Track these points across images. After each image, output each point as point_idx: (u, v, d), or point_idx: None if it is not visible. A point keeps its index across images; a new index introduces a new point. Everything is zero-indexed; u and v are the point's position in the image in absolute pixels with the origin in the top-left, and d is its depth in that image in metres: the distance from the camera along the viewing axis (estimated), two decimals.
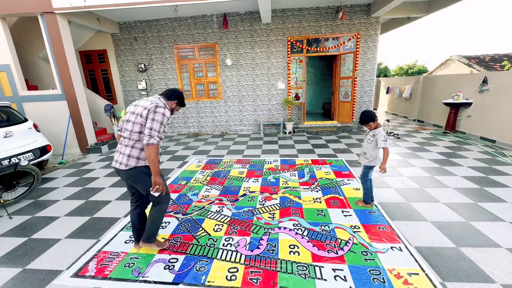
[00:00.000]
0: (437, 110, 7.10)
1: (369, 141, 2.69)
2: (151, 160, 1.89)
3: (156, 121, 1.89)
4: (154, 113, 1.90)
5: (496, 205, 2.84)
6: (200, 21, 6.69)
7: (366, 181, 2.81)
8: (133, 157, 1.97)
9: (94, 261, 2.14)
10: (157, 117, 1.89)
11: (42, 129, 5.00)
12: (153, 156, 1.88)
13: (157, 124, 1.89)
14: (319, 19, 6.46)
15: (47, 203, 3.32)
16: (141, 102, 2.00)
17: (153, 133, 1.87)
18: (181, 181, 3.85)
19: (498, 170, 3.80)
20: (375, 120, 2.62)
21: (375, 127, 2.65)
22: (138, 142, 1.97)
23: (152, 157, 1.88)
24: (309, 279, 1.88)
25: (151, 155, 1.88)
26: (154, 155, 1.88)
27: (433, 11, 6.34)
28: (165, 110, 1.95)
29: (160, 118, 1.90)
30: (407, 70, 17.26)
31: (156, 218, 2.18)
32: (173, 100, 2.12)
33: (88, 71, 7.54)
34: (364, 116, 2.62)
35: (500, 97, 5.11)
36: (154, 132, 1.87)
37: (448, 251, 2.13)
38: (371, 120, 2.61)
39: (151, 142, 1.85)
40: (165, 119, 1.94)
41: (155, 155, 1.89)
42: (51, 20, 5.00)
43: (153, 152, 1.88)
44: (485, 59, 12.49)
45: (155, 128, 1.88)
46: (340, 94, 7.21)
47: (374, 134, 2.63)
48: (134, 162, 1.97)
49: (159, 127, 1.90)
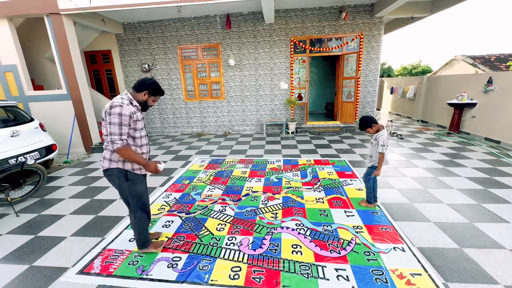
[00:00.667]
0: (441, 111, 7.05)
1: (372, 144, 2.71)
2: (130, 159, 1.87)
3: (113, 124, 1.77)
4: (109, 115, 1.78)
5: (500, 206, 2.82)
6: (203, 21, 6.73)
7: (369, 180, 2.81)
8: (106, 158, 1.93)
9: (99, 259, 2.18)
10: (113, 119, 1.77)
11: (47, 128, 5.07)
12: (127, 156, 1.84)
13: (115, 127, 1.77)
14: (322, 19, 6.45)
15: (53, 201, 3.38)
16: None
17: (113, 138, 1.78)
18: (184, 181, 3.87)
19: (502, 171, 3.77)
20: (373, 125, 2.62)
21: (377, 131, 2.65)
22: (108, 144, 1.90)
23: (126, 157, 1.84)
24: (311, 278, 1.89)
25: (124, 156, 1.84)
26: (127, 156, 1.84)
27: (437, 11, 6.30)
28: (121, 108, 1.78)
29: (116, 119, 1.77)
30: (411, 70, 17.16)
31: (136, 226, 2.12)
32: (142, 91, 1.93)
33: (92, 71, 7.63)
34: (361, 122, 2.66)
35: (506, 97, 5.06)
36: (114, 137, 1.78)
37: (451, 252, 2.13)
38: (367, 126, 2.63)
39: (115, 147, 1.79)
40: (123, 119, 1.79)
41: (129, 155, 1.84)
42: (57, 21, 5.07)
43: (125, 154, 1.83)
44: (490, 59, 12.36)
45: (114, 132, 1.77)
46: (343, 94, 7.19)
47: (376, 138, 2.64)
48: (107, 163, 1.93)
49: (118, 129, 1.78)
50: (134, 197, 2.04)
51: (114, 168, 1.93)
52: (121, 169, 1.94)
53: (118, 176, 1.95)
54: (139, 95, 1.95)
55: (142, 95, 1.95)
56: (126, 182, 1.97)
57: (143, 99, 1.97)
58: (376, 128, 2.65)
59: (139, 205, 2.07)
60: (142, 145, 2.01)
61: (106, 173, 1.98)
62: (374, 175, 2.77)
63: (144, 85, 1.94)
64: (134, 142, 1.95)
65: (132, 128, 1.90)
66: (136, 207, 2.06)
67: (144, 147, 2.04)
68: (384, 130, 2.64)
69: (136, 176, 2.02)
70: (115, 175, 1.95)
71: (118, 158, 1.92)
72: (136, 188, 2.03)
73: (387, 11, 5.83)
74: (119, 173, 1.94)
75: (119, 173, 1.94)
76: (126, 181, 1.97)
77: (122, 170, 1.95)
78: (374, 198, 2.87)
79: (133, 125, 1.89)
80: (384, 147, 2.57)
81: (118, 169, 1.94)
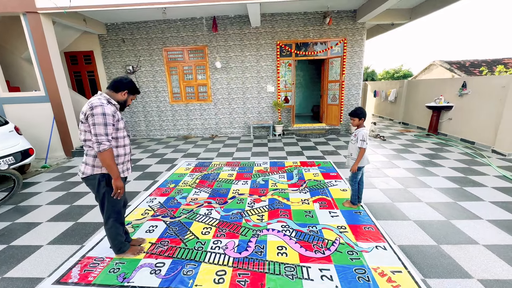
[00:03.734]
0: (420, 113, 7.36)
1: (352, 141, 2.77)
2: (107, 165, 1.81)
3: (97, 125, 1.73)
4: (92, 116, 1.73)
5: (474, 203, 2.97)
6: (189, 23, 6.68)
7: (355, 183, 2.85)
8: (88, 164, 1.88)
9: (78, 267, 2.08)
10: (97, 120, 1.73)
11: (24, 132, 4.84)
12: (108, 161, 1.79)
13: (100, 127, 1.74)
14: (307, 24, 6.58)
15: (28, 208, 3.21)
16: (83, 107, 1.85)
17: (99, 139, 1.74)
18: (170, 184, 3.80)
19: (476, 171, 3.98)
20: (361, 118, 2.69)
21: (357, 125, 2.73)
22: (90, 148, 1.86)
23: (106, 162, 1.79)
24: (296, 279, 1.90)
25: (105, 161, 1.79)
26: (108, 161, 1.79)
27: (416, 18, 6.59)
28: (103, 108, 1.75)
29: (101, 119, 1.74)
30: (393, 74, 17.81)
31: (109, 231, 2.07)
32: (122, 91, 1.93)
33: (73, 73, 7.36)
34: (356, 110, 2.71)
35: (478, 100, 5.36)
36: (101, 137, 1.74)
37: (429, 249, 2.21)
38: (355, 115, 2.69)
39: (101, 149, 1.75)
40: (108, 118, 1.76)
41: (109, 160, 1.80)
42: (35, 20, 4.86)
43: (107, 157, 1.78)
44: (465, 65, 13.07)
45: (100, 133, 1.74)
46: (328, 97, 7.35)
47: (356, 134, 2.71)
48: (90, 170, 1.88)
49: (103, 129, 1.75)
50: (111, 202, 1.98)
51: (98, 173, 1.89)
52: (104, 173, 1.90)
53: (100, 181, 1.90)
54: (118, 95, 1.94)
55: (122, 95, 1.94)
56: (106, 187, 1.93)
57: (123, 99, 1.96)
58: (360, 123, 2.71)
59: (114, 210, 2.01)
60: (125, 145, 1.98)
61: (87, 179, 1.91)
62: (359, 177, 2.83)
63: (123, 84, 1.93)
64: (117, 142, 1.91)
65: (115, 128, 1.86)
66: (111, 212, 2.00)
67: (126, 147, 2.01)
68: (365, 127, 2.72)
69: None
70: (96, 181, 1.90)
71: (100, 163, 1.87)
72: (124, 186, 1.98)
73: (369, 17, 6.04)
74: (101, 178, 1.90)
75: (102, 178, 1.90)
76: (106, 186, 1.93)
77: (105, 175, 1.90)
78: (358, 199, 2.94)
79: (116, 124, 1.86)
80: (364, 142, 2.63)
81: (102, 175, 1.90)
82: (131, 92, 1.98)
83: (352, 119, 2.73)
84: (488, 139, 5.08)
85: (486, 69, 12.26)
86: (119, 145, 1.93)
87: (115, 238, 2.11)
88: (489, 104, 5.07)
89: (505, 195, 3.15)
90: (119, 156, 1.94)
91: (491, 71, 12.30)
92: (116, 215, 2.03)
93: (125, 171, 2.03)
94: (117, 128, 1.89)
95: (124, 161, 2.00)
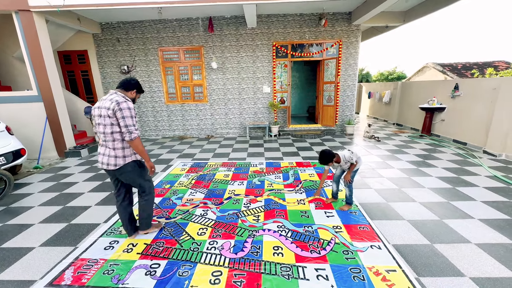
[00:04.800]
0: (414, 115, 7.46)
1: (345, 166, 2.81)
2: (139, 151, 2.13)
3: (126, 117, 2.02)
4: (120, 110, 2.00)
5: (466, 203, 3.02)
6: (185, 23, 6.66)
7: (351, 183, 2.87)
8: (119, 157, 2.12)
9: (71, 269, 2.05)
10: (125, 113, 2.02)
11: (15, 132, 4.76)
12: (140, 147, 2.11)
13: (129, 119, 2.03)
14: (303, 25, 6.63)
15: (20, 210, 3.15)
16: (102, 103, 2.06)
17: (130, 129, 2.04)
18: (165, 185, 3.78)
19: (468, 171, 4.05)
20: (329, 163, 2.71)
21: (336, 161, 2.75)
22: (116, 142, 2.09)
23: (139, 148, 2.11)
24: (292, 279, 1.90)
25: (138, 147, 2.10)
26: (141, 147, 2.12)
27: (409, 21, 6.71)
28: (127, 103, 2.06)
29: (128, 113, 2.03)
30: (387, 76, 18.01)
31: (147, 207, 2.38)
32: (132, 90, 2.21)
33: (67, 72, 7.26)
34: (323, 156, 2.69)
35: (470, 102, 5.47)
36: (131, 128, 2.04)
37: (423, 248, 2.24)
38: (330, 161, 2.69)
39: (133, 137, 2.04)
40: (132, 111, 2.07)
41: (141, 146, 2.12)
42: (27, 19, 4.79)
43: (139, 144, 2.10)
44: (457, 67, 13.32)
45: (129, 124, 2.03)
46: (324, 98, 7.40)
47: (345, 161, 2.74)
48: (122, 160, 2.13)
49: (131, 121, 2.05)
50: (147, 181, 2.33)
51: (130, 162, 2.17)
52: (135, 160, 2.21)
53: (135, 167, 2.21)
54: (129, 93, 2.20)
55: (131, 93, 2.22)
56: (139, 169, 2.25)
57: (132, 97, 2.23)
58: (336, 159, 2.74)
59: (152, 186, 2.37)
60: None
61: (120, 169, 2.14)
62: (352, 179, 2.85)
63: (131, 84, 2.20)
64: None
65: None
66: (150, 189, 2.34)
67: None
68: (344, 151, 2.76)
69: (143, 163, 2.32)
70: (130, 168, 2.17)
71: (131, 152, 2.17)
72: (147, 173, 2.33)
73: (364, 20, 6.12)
74: (135, 165, 2.21)
75: (134, 164, 2.20)
76: (139, 168, 2.25)
77: (136, 161, 2.22)
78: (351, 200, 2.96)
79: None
80: (352, 158, 2.69)
81: (133, 161, 2.19)
82: (138, 91, 2.26)
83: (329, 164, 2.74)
84: (479, 140, 5.18)
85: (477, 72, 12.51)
86: None
87: (149, 212, 2.43)
88: (480, 105, 5.17)
89: (496, 194, 3.22)
90: None
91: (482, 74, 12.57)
92: (153, 191, 2.38)
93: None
94: None
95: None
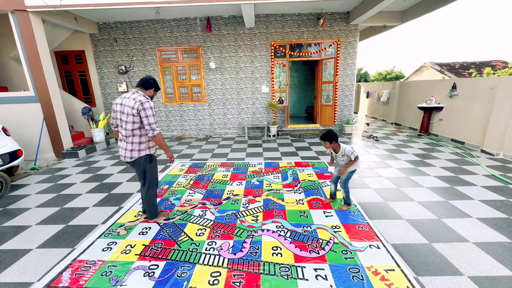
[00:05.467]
0: (412, 114, 7.49)
1: (342, 161, 2.79)
2: (160, 144, 2.41)
3: (150, 116, 2.28)
4: (144, 110, 2.25)
5: (464, 202, 3.03)
6: (183, 23, 6.64)
7: (347, 184, 2.87)
8: (135, 150, 2.39)
9: (69, 271, 2.04)
10: (149, 112, 2.27)
11: (12, 133, 4.72)
12: (161, 141, 2.40)
13: (152, 117, 2.30)
14: (301, 25, 6.63)
15: (17, 211, 3.12)
16: (125, 101, 2.30)
17: (152, 126, 2.30)
18: (163, 186, 3.76)
19: (466, 170, 4.07)
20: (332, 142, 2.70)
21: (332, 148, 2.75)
22: (134, 137, 2.36)
23: (160, 142, 2.39)
24: (291, 279, 1.90)
25: (160, 141, 2.38)
26: (162, 141, 2.40)
27: (407, 20, 6.72)
28: (149, 102, 2.29)
29: (151, 112, 2.29)
30: (385, 76, 18.07)
31: (150, 200, 2.62)
32: (150, 89, 2.43)
33: (64, 72, 7.22)
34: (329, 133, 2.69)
35: (468, 102, 5.49)
36: (153, 125, 2.31)
37: (421, 247, 2.25)
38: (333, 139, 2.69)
39: (155, 133, 2.32)
40: (153, 110, 2.32)
41: (162, 140, 2.40)
42: (24, 19, 4.75)
43: (160, 138, 2.38)
44: (455, 66, 13.38)
45: (152, 122, 2.30)
46: (322, 98, 7.41)
47: (343, 154, 2.73)
48: (137, 153, 2.40)
49: (154, 119, 2.31)
50: (153, 175, 2.55)
51: (143, 155, 2.43)
52: (148, 154, 2.46)
53: (146, 160, 2.45)
54: (147, 92, 2.43)
55: (150, 92, 2.45)
56: (149, 164, 2.49)
57: (151, 95, 2.46)
58: (334, 146, 2.74)
59: (155, 182, 2.59)
60: None
61: (134, 161, 2.43)
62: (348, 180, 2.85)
63: (149, 84, 2.42)
64: None
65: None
66: (153, 183, 2.56)
67: None
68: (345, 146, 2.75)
69: (154, 158, 2.55)
70: (142, 160, 2.44)
71: (146, 147, 2.43)
72: (155, 168, 2.58)
73: (362, 19, 6.13)
74: (146, 158, 2.45)
75: (147, 157, 2.45)
76: (149, 163, 2.49)
77: (148, 155, 2.46)
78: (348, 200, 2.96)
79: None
80: (353, 153, 2.68)
81: (146, 155, 2.44)
82: (156, 89, 2.49)
83: (325, 143, 2.73)
84: (477, 139, 5.21)
85: (475, 71, 12.57)
86: None
87: (155, 204, 2.67)
88: (478, 105, 5.20)
89: (494, 193, 3.23)
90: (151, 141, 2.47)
91: (480, 73, 12.63)
92: (155, 185, 2.60)
93: (156, 152, 2.61)
94: None
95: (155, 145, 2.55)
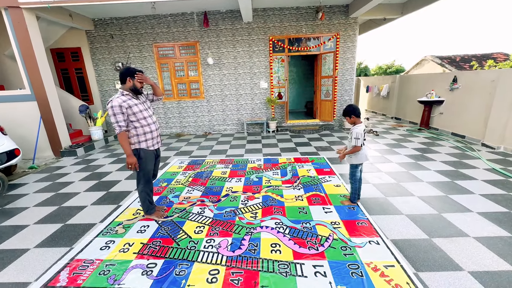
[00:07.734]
0: (412, 108, 7.43)
1: (349, 140, 2.75)
2: (121, 145, 2.36)
3: (110, 116, 2.29)
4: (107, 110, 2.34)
5: (465, 196, 3.01)
6: (180, 19, 6.55)
7: (355, 181, 2.81)
8: (131, 143, 2.43)
9: (66, 270, 2.03)
10: (109, 112, 2.28)
11: (9, 132, 4.69)
12: (120, 142, 2.34)
13: (112, 117, 2.28)
14: (300, 19, 6.53)
15: (14, 211, 3.11)
16: None
17: (113, 126, 2.31)
18: (162, 183, 3.74)
19: (467, 164, 4.04)
20: (352, 116, 2.66)
21: (353, 123, 2.71)
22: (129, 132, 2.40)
23: (120, 142, 2.35)
24: (290, 277, 1.89)
25: (119, 141, 2.35)
26: (120, 141, 2.34)
27: (407, 13, 6.61)
28: (111, 102, 2.26)
29: (111, 111, 2.26)
30: (385, 70, 17.91)
31: (141, 195, 2.62)
32: (125, 79, 2.36)
33: (61, 70, 7.15)
34: (345, 108, 2.70)
35: (469, 95, 5.43)
36: (114, 125, 2.30)
37: (421, 243, 2.23)
38: (348, 114, 2.68)
39: (116, 132, 2.32)
40: (116, 110, 2.25)
41: (121, 141, 2.34)
42: (17, 15, 4.68)
43: (120, 139, 2.33)
44: (456, 59, 13.24)
45: (112, 121, 2.30)
46: (322, 93, 7.34)
47: (351, 133, 2.69)
48: (132, 146, 2.43)
49: (114, 119, 2.28)
50: (142, 170, 2.50)
51: (134, 149, 2.43)
52: (137, 148, 2.44)
53: (136, 154, 2.44)
54: (126, 85, 2.38)
55: (129, 82, 2.36)
56: (139, 159, 2.45)
57: (131, 85, 2.37)
58: (354, 120, 2.69)
59: (145, 178, 2.55)
60: (149, 124, 2.46)
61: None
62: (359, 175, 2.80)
63: (122, 75, 2.36)
64: (139, 123, 2.39)
65: (131, 113, 2.32)
66: (142, 179, 2.54)
67: (151, 125, 2.48)
68: (361, 124, 2.68)
69: (147, 153, 2.49)
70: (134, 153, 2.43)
71: (135, 141, 2.41)
72: (146, 164, 2.50)
73: (361, 12, 6.03)
74: (135, 152, 2.44)
75: (136, 152, 2.44)
76: (138, 159, 2.45)
77: (137, 149, 2.44)
78: (358, 197, 2.92)
79: (129, 111, 2.31)
80: (358, 140, 2.59)
81: (135, 149, 2.43)
82: (131, 76, 2.36)
83: (346, 118, 2.72)
84: (478, 133, 5.17)
85: (476, 64, 12.44)
86: (143, 125, 2.41)
87: (144, 201, 2.65)
88: (479, 98, 5.14)
89: (494, 187, 3.21)
90: (146, 134, 2.44)
91: (481, 66, 12.51)
92: (144, 182, 2.56)
93: (155, 145, 2.57)
94: (134, 112, 2.33)
95: (153, 137, 2.51)
